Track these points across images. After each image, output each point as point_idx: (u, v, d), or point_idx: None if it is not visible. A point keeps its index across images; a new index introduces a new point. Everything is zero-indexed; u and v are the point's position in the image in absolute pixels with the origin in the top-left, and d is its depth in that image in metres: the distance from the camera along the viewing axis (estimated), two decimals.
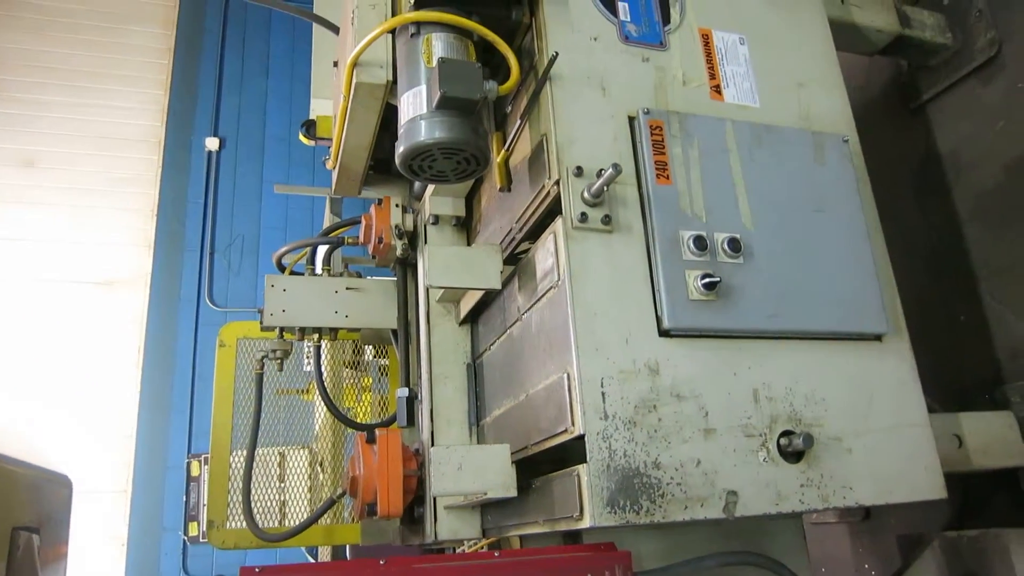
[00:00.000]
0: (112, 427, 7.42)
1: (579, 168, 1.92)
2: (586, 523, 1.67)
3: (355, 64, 2.16)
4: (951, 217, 2.95)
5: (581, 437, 1.72)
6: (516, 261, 2.25)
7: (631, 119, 2.06)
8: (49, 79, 8.30)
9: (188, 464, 7.25)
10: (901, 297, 2.20)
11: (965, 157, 2.92)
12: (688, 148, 2.04)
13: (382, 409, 3.60)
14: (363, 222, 2.91)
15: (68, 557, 2.65)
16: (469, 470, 1.86)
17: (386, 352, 3.59)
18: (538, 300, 2.02)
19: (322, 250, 3.15)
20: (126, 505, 7.23)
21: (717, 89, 2.22)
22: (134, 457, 7.37)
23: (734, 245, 1.94)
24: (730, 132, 2.11)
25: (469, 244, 2.70)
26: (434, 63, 1.94)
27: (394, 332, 2.93)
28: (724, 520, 1.78)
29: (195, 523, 6.99)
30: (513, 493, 1.87)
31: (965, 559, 2.38)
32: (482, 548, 2.41)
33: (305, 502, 3.58)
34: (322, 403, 2.98)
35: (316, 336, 2.93)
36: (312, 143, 4.22)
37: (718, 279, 1.85)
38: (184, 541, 7.11)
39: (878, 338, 2.09)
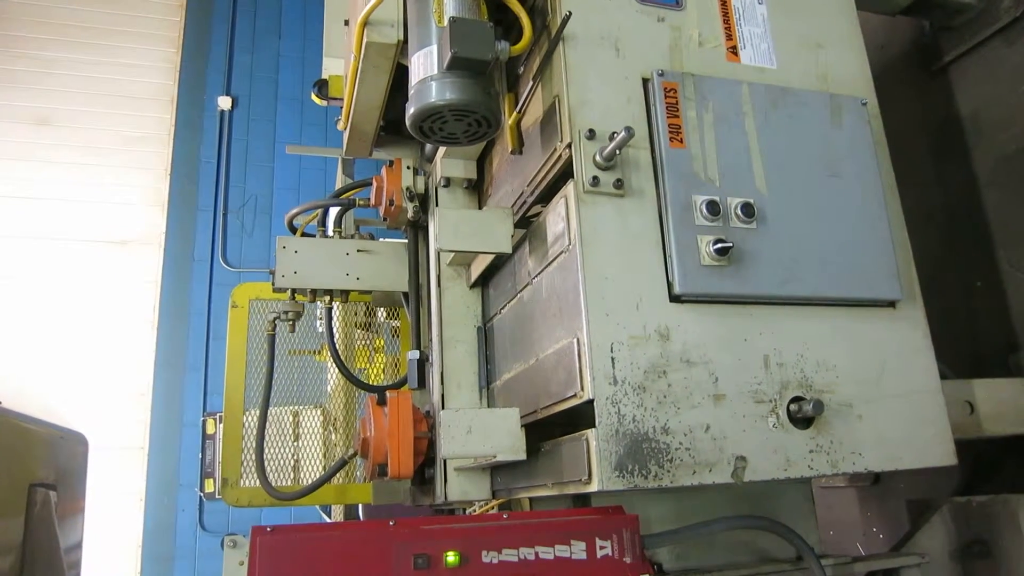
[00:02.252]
0: (129, 385, 7.52)
1: (591, 131, 1.90)
2: (594, 487, 1.68)
3: (366, 23, 2.13)
4: (970, 182, 2.90)
5: (590, 402, 1.72)
6: (528, 224, 2.24)
7: (645, 81, 2.03)
8: (62, 36, 8.27)
9: (203, 422, 7.36)
10: (916, 262, 2.18)
11: (986, 120, 2.86)
12: (703, 111, 2.00)
13: (394, 370, 3.62)
14: (374, 184, 2.89)
15: (85, 512, 2.70)
16: (479, 433, 1.87)
17: (398, 313, 3.60)
18: (549, 264, 2.01)
19: (334, 212, 3.14)
20: (143, 462, 7.36)
21: (734, 50, 2.18)
22: (150, 415, 7.48)
23: (747, 210, 1.91)
24: (746, 95, 2.07)
25: (480, 207, 2.68)
26: (445, 22, 1.90)
27: (405, 295, 2.93)
28: (732, 485, 1.79)
29: (211, 479, 7.12)
30: (522, 456, 1.89)
31: (974, 524, 2.39)
32: (492, 509, 2.44)
33: (319, 460, 3.63)
34: (334, 364, 3.00)
35: (327, 298, 2.93)
36: (324, 103, 4.19)
37: (730, 244, 1.84)
38: (200, 497, 7.24)
39: (892, 305, 2.08)
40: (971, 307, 2.87)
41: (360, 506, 4.62)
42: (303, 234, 3.04)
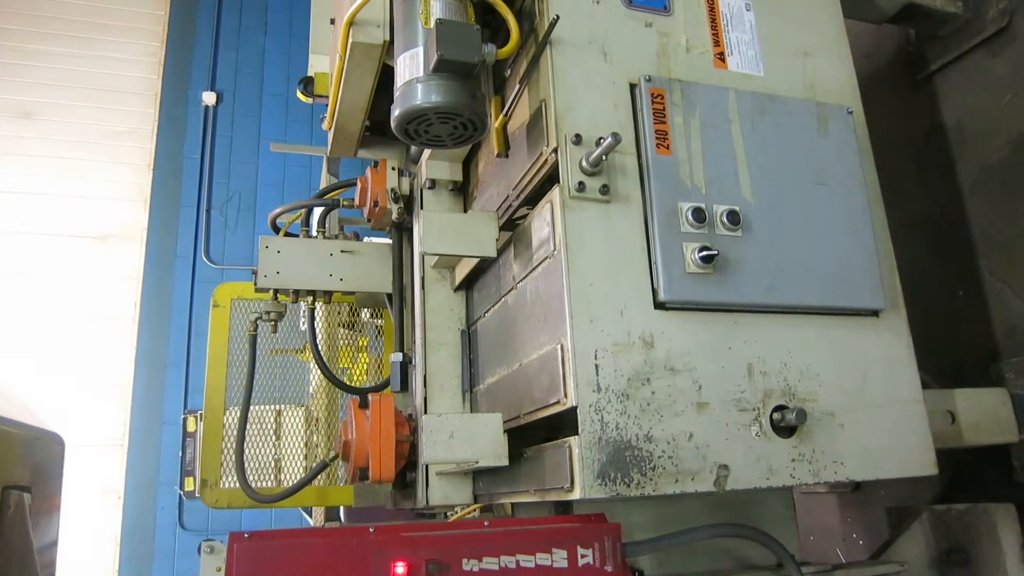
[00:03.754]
0: (108, 382, 7.43)
1: (578, 136, 1.89)
2: (576, 495, 1.67)
3: (351, 22, 2.12)
4: (953, 192, 2.91)
5: (573, 409, 1.71)
6: (513, 227, 2.23)
7: (632, 86, 2.02)
8: (45, 29, 8.15)
9: (184, 419, 7.29)
10: (900, 272, 2.19)
11: (970, 130, 2.87)
12: (689, 117, 2.00)
13: (378, 370, 3.60)
14: (359, 184, 2.87)
15: (60, 514, 2.66)
16: (461, 438, 1.85)
17: (382, 313, 3.58)
18: (533, 269, 2.00)
19: (317, 212, 3.11)
20: (122, 459, 7.28)
21: (721, 57, 2.18)
22: (130, 412, 7.40)
23: (733, 218, 1.91)
24: (733, 102, 2.07)
25: (466, 209, 2.66)
26: (432, 24, 1.89)
27: (389, 296, 2.91)
28: (715, 493, 1.78)
29: (191, 478, 7.06)
30: (504, 462, 1.87)
31: (953, 533, 2.40)
32: (473, 513, 2.42)
33: (301, 460, 3.60)
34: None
35: (310, 298, 2.91)
36: (310, 100, 4.16)
37: (716, 252, 1.83)
38: (180, 496, 7.18)
39: (875, 314, 2.08)
40: (953, 316, 2.89)
41: (341, 508, 4.59)
42: (286, 234, 3.01)
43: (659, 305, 1.84)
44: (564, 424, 1.80)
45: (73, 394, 7.22)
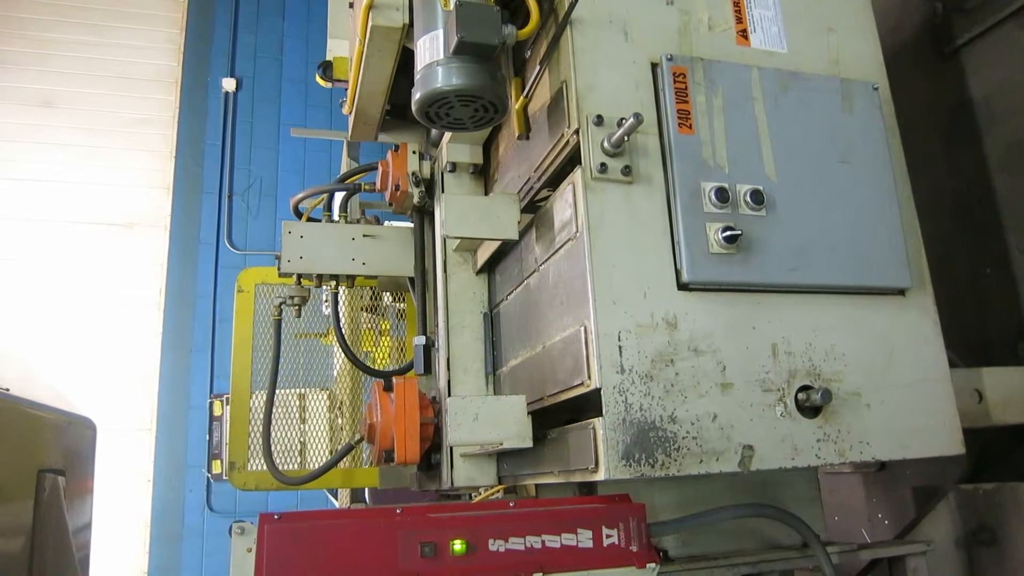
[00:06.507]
0: (136, 367, 7.55)
1: (599, 116, 1.88)
2: (601, 476, 1.68)
3: (370, 6, 2.12)
4: (981, 168, 2.87)
5: (597, 390, 1.72)
6: (535, 209, 2.22)
7: (654, 65, 2.00)
8: (65, 17, 8.22)
9: (210, 404, 7.39)
10: (926, 249, 2.16)
11: (999, 105, 2.82)
12: (712, 96, 1.98)
13: (400, 353, 3.62)
14: (380, 169, 2.88)
15: (94, 495, 2.72)
16: (485, 420, 1.87)
17: (404, 297, 3.59)
18: (556, 252, 2.00)
19: (339, 196, 3.13)
20: (151, 443, 7.40)
21: (744, 34, 2.15)
22: (157, 397, 7.51)
23: (756, 197, 1.89)
24: (756, 79, 2.04)
25: (487, 192, 2.66)
26: (451, 6, 1.88)
27: (411, 280, 2.93)
28: (739, 474, 1.78)
29: (218, 461, 7.17)
30: (528, 444, 1.88)
31: (980, 512, 2.39)
32: (497, 495, 2.44)
33: (325, 443, 3.63)
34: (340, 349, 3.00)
35: (333, 283, 2.93)
36: (329, 85, 4.17)
37: (739, 232, 1.82)
38: (208, 478, 7.29)
39: (901, 292, 2.06)
40: (980, 294, 2.85)
41: (367, 489, 4.64)
42: (308, 219, 3.03)
43: (682, 286, 1.83)
44: (587, 406, 1.81)
45: (101, 380, 7.34)
